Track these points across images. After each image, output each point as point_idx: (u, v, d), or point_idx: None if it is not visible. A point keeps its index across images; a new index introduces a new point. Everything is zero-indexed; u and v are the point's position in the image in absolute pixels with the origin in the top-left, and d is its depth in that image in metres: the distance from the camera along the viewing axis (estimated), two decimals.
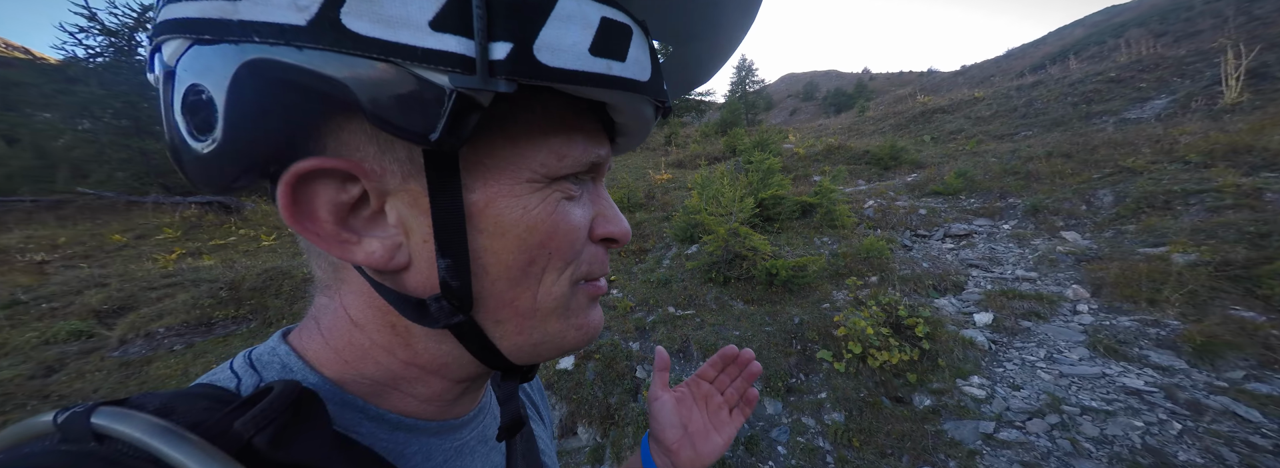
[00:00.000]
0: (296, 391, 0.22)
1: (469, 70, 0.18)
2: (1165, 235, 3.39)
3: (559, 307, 0.27)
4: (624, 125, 0.28)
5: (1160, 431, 1.93)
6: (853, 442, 2.18)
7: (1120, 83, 8.29)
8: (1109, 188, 4.42)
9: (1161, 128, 5.55)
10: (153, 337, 3.59)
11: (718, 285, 3.57)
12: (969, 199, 5.33)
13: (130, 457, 0.18)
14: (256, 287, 4.18)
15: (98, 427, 0.19)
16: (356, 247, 0.23)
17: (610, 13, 0.21)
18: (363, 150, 0.22)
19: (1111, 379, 2.30)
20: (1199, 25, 12.49)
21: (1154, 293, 2.83)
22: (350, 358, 0.27)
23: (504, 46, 0.19)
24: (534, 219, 0.24)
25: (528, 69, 0.19)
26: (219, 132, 0.20)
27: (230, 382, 0.25)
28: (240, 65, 0.19)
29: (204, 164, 0.22)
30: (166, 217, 8.28)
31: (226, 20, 0.19)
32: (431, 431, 0.29)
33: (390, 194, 0.23)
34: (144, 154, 9.44)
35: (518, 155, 0.23)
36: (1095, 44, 15.34)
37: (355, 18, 0.18)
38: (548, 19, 0.19)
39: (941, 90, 17.15)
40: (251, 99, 0.20)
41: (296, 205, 0.22)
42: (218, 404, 0.22)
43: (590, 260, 0.28)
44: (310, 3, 0.18)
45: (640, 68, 0.23)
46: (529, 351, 0.27)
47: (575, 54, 0.20)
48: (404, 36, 0.18)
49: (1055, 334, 2.78)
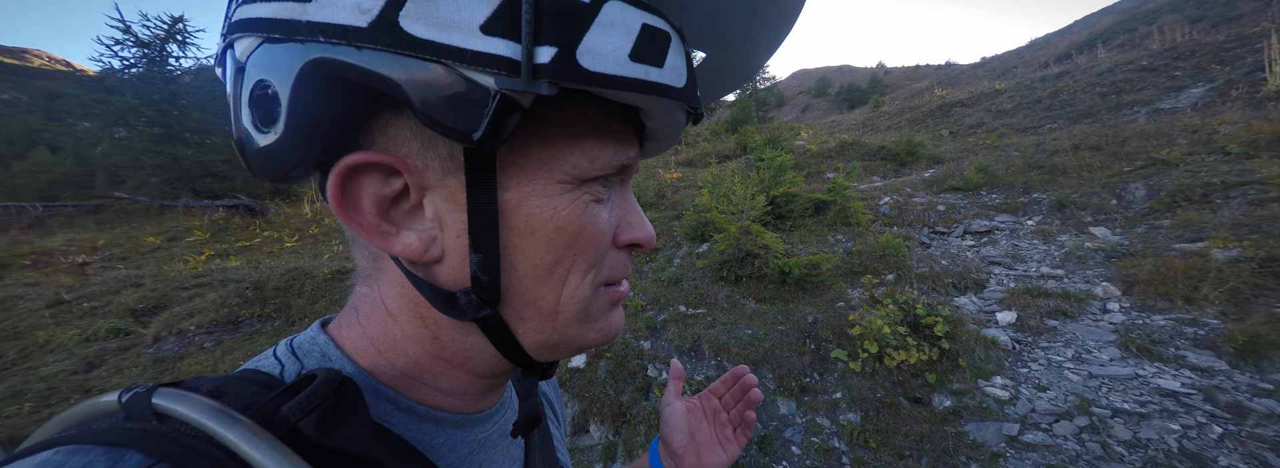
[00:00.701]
0: (338, 379, 0.23)
1: (514, 73, 0.19)
2: (1203, 230, 3.22)
3: (580, 311, 0.27)
4: (654, 130, 0.28)
5: (1199, 434, 1.84)
6: (869, 443, 2.14)
7: (1153, 71, 7.91)
8: (1141, 181, 4.22)
9: (1198, 117, 5.28)
10: (185, 334, 3.75)
11: (729, 284, 3.54)
12: (990, 195, 5.17)
13: (187, 435, 0.20)
14: (280, 286, 4.32)
15: (158, 406, 0.21)
16: (395, 238, 0.24)
17: (651, 19, 0.22)
18: (407, 146, 0.23)
19: (1145, 381, 2.20)
20: (1239, 9, 11.83)
21: (1191, 291, 2.69)
22: (383, 348, 0.28)
23: (548, 51, 0.19)
24: (563, 220, 0.25)
25: (570, 73, 0.20)
26: (281, 124, 0.22)
27: (274, 368, 0.27)
28: (305, 63, 0.20)
29: (266, 154, 0.23)
30: (196, 220, 8.63)
31: (295, 21, 0.20)
32: (456, 423, 0.30)
33: (429, 189, 0.24)
34: (175, 160, 9.86)
35: (551, 156, 0.24)
36: (1125, 32, 14.68)
37: (412, 21, 0.19)
38: (592, 25, 0.20)
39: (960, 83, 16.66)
40: (312, 95, 0.21)
41: (344, 196, 0.23)
42: (264, 389, 0.23)
43: (613, 265, 0.29)
44: (372, 6, 0.19)
45: (676, 74, 0.24)
46: (549, 349, 0.28)
47: (615, 59, 0.21)
48: (456, 39, 0.19)
49: (1084, 334, 2.67)
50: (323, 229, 7.79)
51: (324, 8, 0.19)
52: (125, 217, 9.73)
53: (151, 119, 9.71)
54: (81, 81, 11.07)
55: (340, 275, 4.58)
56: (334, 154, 0.23)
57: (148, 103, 9.54)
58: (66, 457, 0.18)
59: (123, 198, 9.65)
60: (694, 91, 0.26)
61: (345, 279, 4.52)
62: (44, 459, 0.18)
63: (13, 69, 42.95)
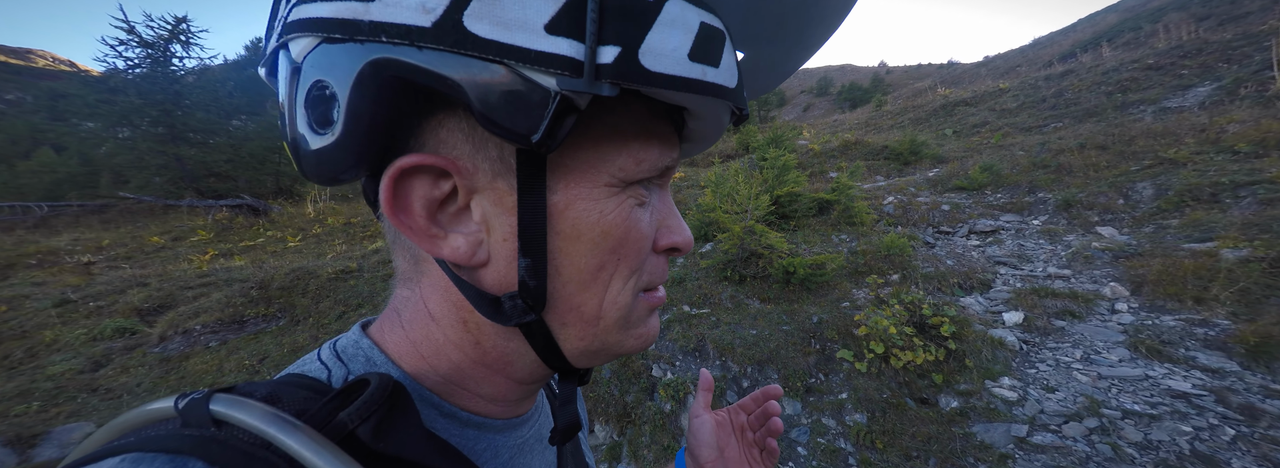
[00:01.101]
0: (391, 385, 0.23)
1: (576, 73, 0.19)
2: (1213, 230, 3.19)
3: (621, 317, 0.27)
4: (696, 130, 0.28)
5: (1211, 436, 1.82)
6: (876, 443, 2.12)
7: (1159, 70, 7.86)
8: (1149, 180, 4.20)
9: (1206, 116, 5.24)
10: (190, 334, 3.76)
11: (733, 284, 3.53)
12: (995, 194, 5.14)
13: (247, 442, 0.20)
14: (285, 286, 4.33)
15: (216, 413, 0.21)
16: (443, 241, 0.24)
17: (709, 18, 0.22)
18: (458, 148, 0.23)
19: (1155, 382, 2.18)
20: (1246, 7, 11.74)
21: (1201, 291, 2.67)
22: (427, 352, 0.27)
23: (612, 50, 0.19)
24: (609, 224, 0.25)
25: (631, 73, 0.19)
26: (339, 126, 0.21)
27: (320, 373, 0.26)
28: (365, 63, 0.20)
29: (321, 156, 0.23)
30: (200, 219, 8.66)
31: (357, 20, 0.20)
32: (496, 428, 0.30)
33: (477, 192, 0.24)
34: (179, 160, 9.90)
35: (599, 158, 0.24)
36: (1130, 30, 14.59)
37: (476, 20, 0.19)
38: (655, 24, 0.20)
39: (963, 82, 16.60)
40: (371, 96, 0.20)
41: (396, 199, 0.23)
42: (315, 394, 0.23)
43: (652, 270, 0.28)
44: (437, 6, 0.19)
45: (730, 74, 0.23)
46: (589, 355, 0.28)
47: (676, 59, 0.20)
48: (520, 39, 0.19)
49: (1092, 334, 2.65)
50: (325, 229, 7.80)
51: (387, 7, 0.19)
52: (129, 216, 9.77)
53: (155, 119, 9.75)
54: (86, 82, 11.12)
55: (344, 275, 4.59)
56: (387, 155, 0.23)
57: (151, 103, 9.58)
58: (131, 466, 0.18)
59: (127, 198, 9.69)
60: (742, 92, 0.25)
61: (349, 279, 4.53)
62: (111, 466, 0.18)
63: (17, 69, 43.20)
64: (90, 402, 2.97)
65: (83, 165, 12.45)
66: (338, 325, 3.84)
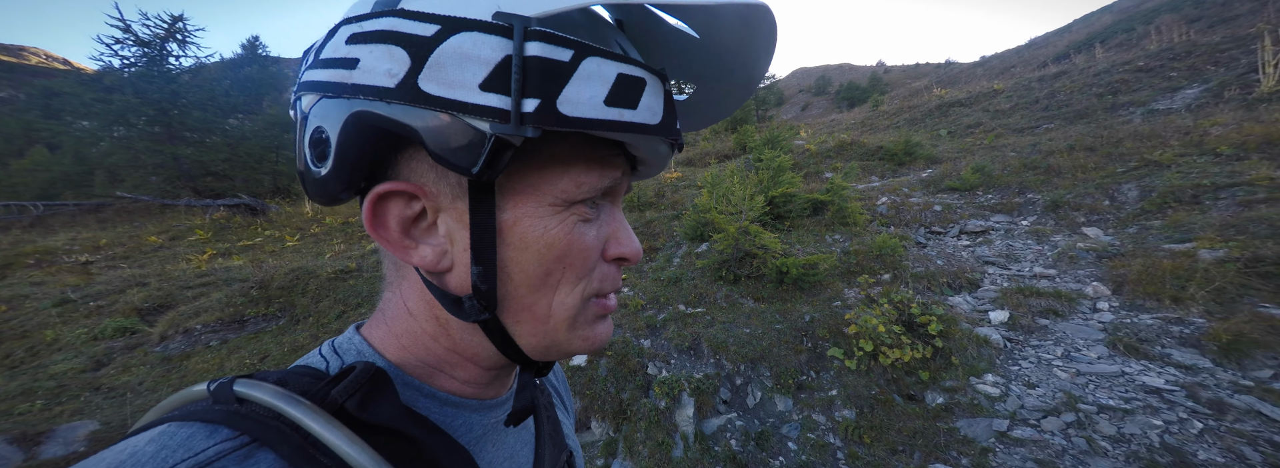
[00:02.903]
0: (373, 369, 0.28)
1: (505, 120, 0.24)
2: (1192, 231, 3.28)
3: (569, 318, 0.31)
4: (641, 158, 0.33)
5: (1180, 429, 1.90)
6: (863, 438, 2.20)
7: (1149, 72, 7.97)
8: (1134, 182, 4.29)
9: (1192, 119, 5.34)
10: (191, 333, 3.80)
11: (728, 283, 3.60)
12: (986, 195, 5.23)
13: (262, 414, 0.26)
14: (284, 286, 4.36)
15: (239, 392, 0.26)
16: (414, 251, 0.29)
17: (628, 69, 0.26)
18: (424, 176, 0.28)
19: (1131, 378, 2.26)
20: (1236, 9, 11.89)
21: (1178, 290, 2.76)
22: (407, 343, 0.33)
23: (533, 102, 0.24)
24: (553, 237, 0.29)
25: (550, 118, 0.24)
26: (330, 161, 0.28)
27: (321, 364, 0.32)
28: (349, 114, 0.26)
29: (320, 183, 0.29)
30: (198, 219, 8.65)
31: (343, 83, 0.26)
32: (472, 407, 0.35)
33: (442, 211, 0.29)
34: (175, 159, 9.87)
35: (543, 182, 0.28)
36: (1124, 31, 14.72)
37: (427, 81, 0.24)
38: (571, 80, 0.24)
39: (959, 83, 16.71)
40: (353, 138, 0.26)
41: (375, 217, 0.29)
42: (316, 380, 0.29)
43: (602, 277, 0.32)
44: (399, 72, 0.24)
45: (650, 113, 0.28)
46: (542, 351, 0.32)
47: (592, 105, 0.25)
48: (460, 95, 0.24)
49: (1073, 332, 2.74)
50: (324, 229, 7.82)
51: (365, 73, 0.25)
52: (126, 216, 9.74)
53: (151, 118, 9.72)
54: (80, 80, 11.05)
55: (343, 275, 4.63)
56: (370, 182, 0.29)
57: (147, 102, 9.55)
58: (177, 429, 0.24)
59: (124, 197, 9.66)
60: (672, 126, 0.29)
61: (348, 279, 4.57)
62: (161, 431, 0.24)
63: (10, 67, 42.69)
64: (93, 400, 3.01)
65: (78, 164, 12.39)
66: (337, 324, 3.88)
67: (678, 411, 2.47)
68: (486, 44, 0.24)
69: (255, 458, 0.24)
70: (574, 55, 0.24)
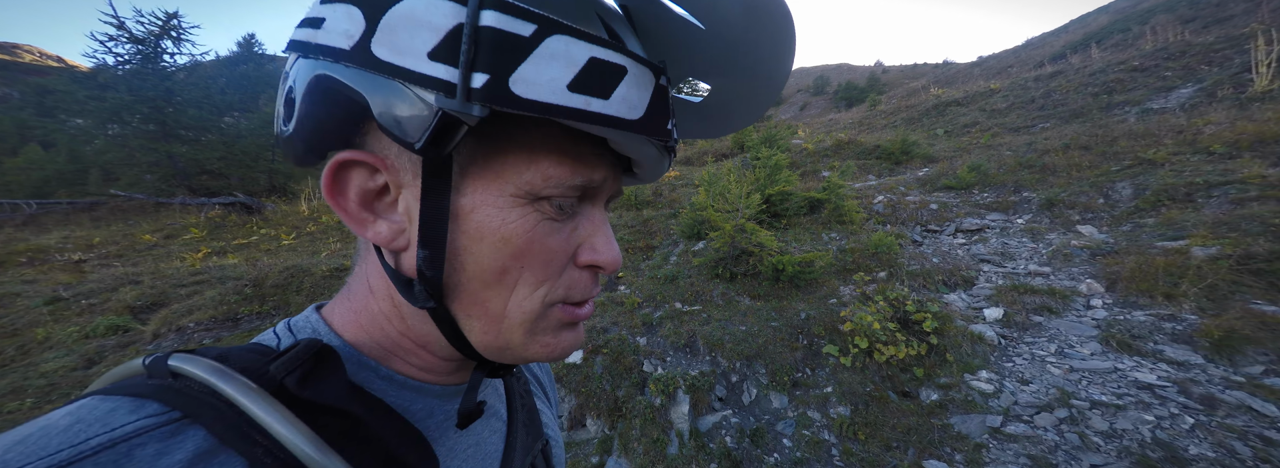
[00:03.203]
0: (317, 346, 0.27)
1: (451, 94, 0.22)
2: (1185, 228, 3.30)
3: (527, 321, 0.29)
4: (635, 160, 0.31)
5: (1172, 424, 1.91)
6: (858, 435, 2.20)
7: (1144, 71, 8.01)
8: (1128, 180, 4.31)
9: (1185, 118, 5.37)
10: (184, 331, 3.77)
11: (724, 281, 3.60)
12: (982, 193, 5.24)
13: (196, 390, 0.24)
14: (279, 284, 4.34)
15: (174, 367, 0.25)
16: (370, 225, 0.28)
17: (602, 53, 0.24)
18: (388, 149, 0.27)
19: (1123, 374, 2.27)
20: (1230, 10, 11.96)
21: (1171, 287, 2.77)
22: (365, 322, 0.31)
23: (482, 77, 0.22)
24: (510, 231, 0.27)
25: (500, 98, 0.22)
26: (294, 120, 0.27)
27: (272, 341, 0.31)
28: (312, 75, 0.26)
29: (286, 143, 0.29)
30: (192, 217, 8.61)
31: (309, 42, 0.25)
32: (433, 393, 0.33)
33: (404, 187, 0.27)
34: (170, 157, 9.81)
35: (506, 169, 0.26)
36: (1120, 31, 14.80)
37: (379, 45, 0.23)
38: (529, 57, 0.22)
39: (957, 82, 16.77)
40: (314, 99, 0.26)
41: (334, 184, 0.27)
42: (260, 356, 0.27)
43: (570, 284, 0.30)
44: (355, 33, 0.24)
45: (628, 107, 0.25)
46: (495, 351, 0.30)
47: (551, 89, 0.23)
48: (409, 63, 0.23)
49: (1067, 329, 2.75)
50: (320, 227, 7.79)
51: (326, 33, 0.24)
52: (120, 214, 9.68)
53: (146, 116, 9.65)
54: (74, 78, 10.97)
55: (338, 273, 4.61)
56: (336, 149, 0.27)
57: (142, 99, 9.48)
58: (97, 403, 0.23)
59: (118, 195, 9.59)
60: (660, 125, 0.27)
61: (343, 277, 4.55)
62: (79, 404, 0.23)
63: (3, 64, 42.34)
64: None
65: (71, 162, 12.28)
66: None
67: (673, 408, 2.47)
68: (439, 9, 0.22)
69: (184, 435, 0.22)
70: (537, 31, 0.22)
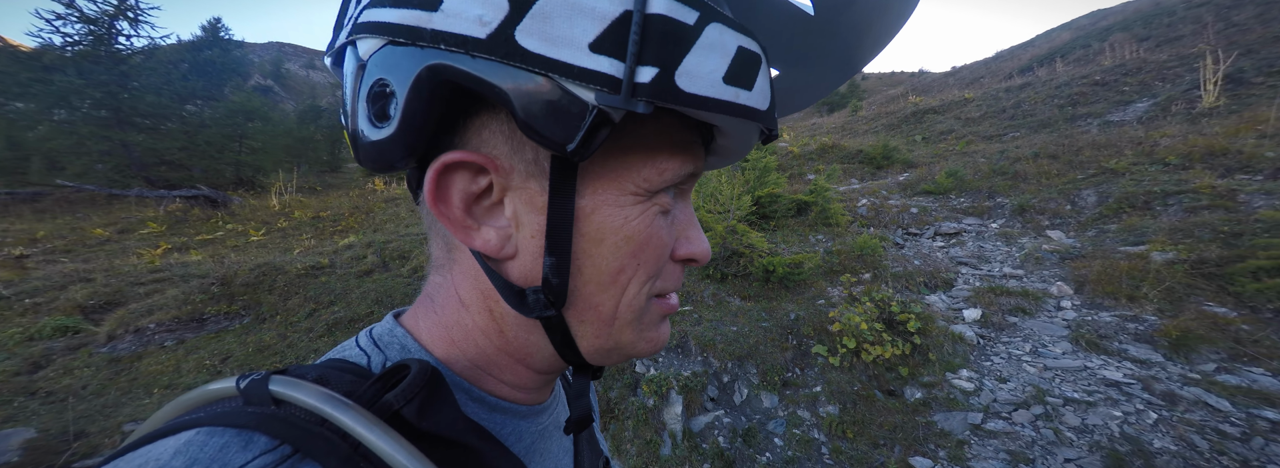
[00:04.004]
0: (430, 371, 0.24)
1: (614, 90, 0.20)
2: (1145, 234, 3.52)
3: (635, 318, 0.28)
4: (724, 146, 0.30)
5: (1137, 420, 2.03)
6: (847, 433, 2.25)
7: (1104, 86, 8.50)
8: (1093, 188, 4.56)
9: (1143, 130, 5.73)
10: (143, 333, 3.53)
11: (715, 282, 3.62)
12: (959, 198, 5.46)
13: (303, 419, 0.22)
14: (249, 282, 4.12)
15: (275, 392, 0.22)
16: (476, 233, 0.26)
17: (746, 42, 0.23)
18: (498, 148, 0.25)
19: (1092, 372, 2.40)
20: (1180, 30, 12.84)
21: (1133, 290, 2.95)
22: (457, 337, 0.29)
23: (650, 71, 0.20)
24: (632, 229, 0.26)
25: (666, 93, 0.21)
26: (396, 121, 0.23)
27: (360, 359, 0.28)
28: (423, 67, 0.22)
29: (377, 147, 0.25)
30: (150, 211, 8.08)
31: (421, 27, 0.21)
32: (520, 414, 0.32)
33: (511, 190, 0.26)
34: (125, 146, 9.18)
35: (627, 168, 0.25)
36: (1081, 47, 15.69)
37: (527, 35, 0.20)
38: (693, 47, 0.21)
39: (933, 91, 17.42)
40: (426, 96, 0.22)
41: (439, 190, 0.25)
42: (360, 378, 0.25)
43: (667, 276, 0.30)
44: (493, 19, 0.20)
45: (763, 97, 0.24)
46: (603, 353, 0.29)
47: (711, 81, 0.22)
48: (565, 55, 0.20)
49: (1040, 329, 2.88)
50: (292, 223, 7.44)
51: (448, 18, 0.21)
52: (68, 206, 8.99)
53: (98, 101, 9.00)
54: (15, 58, 10.12)
55: (314, 271, 4.41)
56: (433, 150, 0.25)
57: (93, 83, 8.83)
58: (206, 437, 0.20)
59: (66, 186, 8.91)
60: (773, 114, 0.26)
61: (319, 275, 4.35)
62: (188, 440, 0.20)
63: None
64: (29, 406, 2.75)
65: (10, 149, 11.33)
66: (307, 324, 3.69)
67: (666, 409, 2.46)
68: None
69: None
70: (699, 18, 0.21)
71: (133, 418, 2.57)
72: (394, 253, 4.75)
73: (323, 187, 11.42)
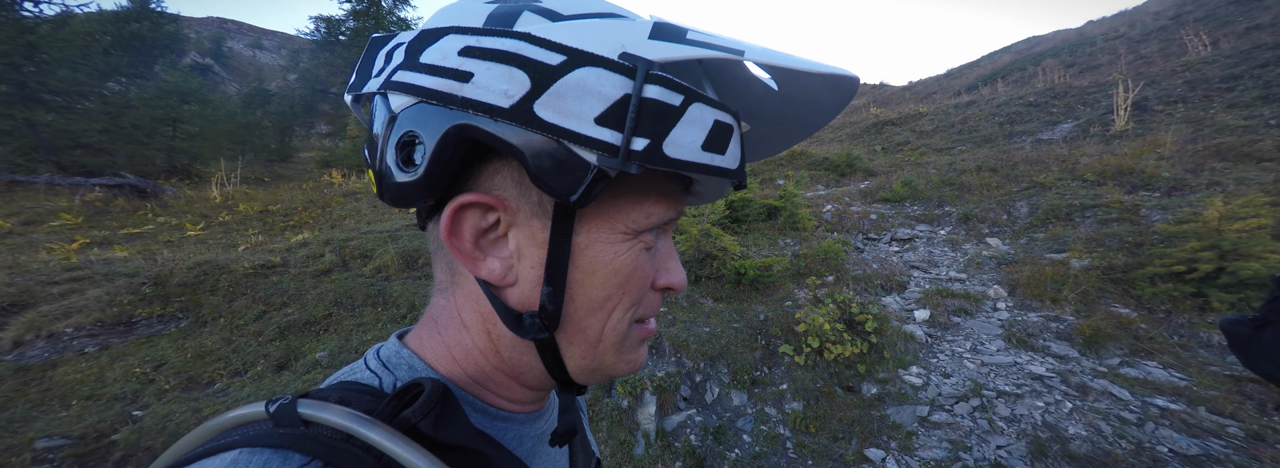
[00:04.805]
0: (441, 387, 0.28)
1: (613, 155, 0.25)
2: (1066, 243, 3.95)
3: (618, 341, 0.32)
4: (701, 193, 0.36)
5: (1056, 409, 2.29)
6: (810, 428, 2.39)
7: (1037, 107, 9.41)
8: (1025, 200, 5.06)
9: (1067, 149, 6.40)
10: (57, 338, 3.16)
11: (690, 284, 3.71)
12: (912, 206, 5.87)
13: (331, 437, 0.25)
14: (187, 282, 3.78)
15: (304, 414, 0.25)
16: (482, 263, 0.30)
17: (721, 116, 0.28)
18: (507, 191, 0.29)
19: (1021, 367, 2.68)
20: (1099, 59, 14.41)
21: (1056, 293, 3.31)
22: (459, 356, 0.33)
23: (642, 141, 0.25)
24: (620, 263, 0.30)
25: (655, 158, 0.25)
26: (422, 168, 0.27)
27: (372, 380, 0.31)
28: (452, 125, 0.26)
29: (403, 188, 0.28)
30: (63, 200, 7.19)
31: (453, 94, 0.25)
32: (521, 421, 0.35)
33: (515, 226, 0.29)
34: (31, 126, 8.09)
35: (618, 211, 0.30)
36: (1018, 70, 17.24)
37: (543, 108, 0.25)
38: (678, 122, 0.26)
39: (892, 103, 18.57)
40: (451, 148, 0.26)
41: (453, 225, 0.29)
42: (376, 398, 0.28)
43: (648, 304, 0.34)
44: (516, 94, 0.25)
45: (733, 159, 0.29)
46: (588, 373, 0.33)
47: (691, 149, 0.26)
48: (574, 125, 0.25)
49: (979, 328, 3.18)
50: (236, 217, 6.86)
51: (478, 89, 0.25)
52: None
53: None
54: None
55: (264, 270, 4.10)
56: (450, 191, 0.29)
57: None
58: (249, 457, 0.23)
59: None
60: (743, 170, 0.31)
61: (270, 275, 4.06)
62: (233, 458, 0.23)
63: None
64: None
65: None
66: (256, 327, 3.44)
67: (640, 409, 2.51)
68: (609, 81, 0.25)
69: None
70: (684, 101, 0.26)
71: (46, 434, 2.30)
72: (355, 251, 4.50)
73: (272, 178, 10.58)
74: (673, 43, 0.26)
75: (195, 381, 2.90)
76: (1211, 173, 4.51)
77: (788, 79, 0.34)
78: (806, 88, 0.34)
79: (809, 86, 0.34)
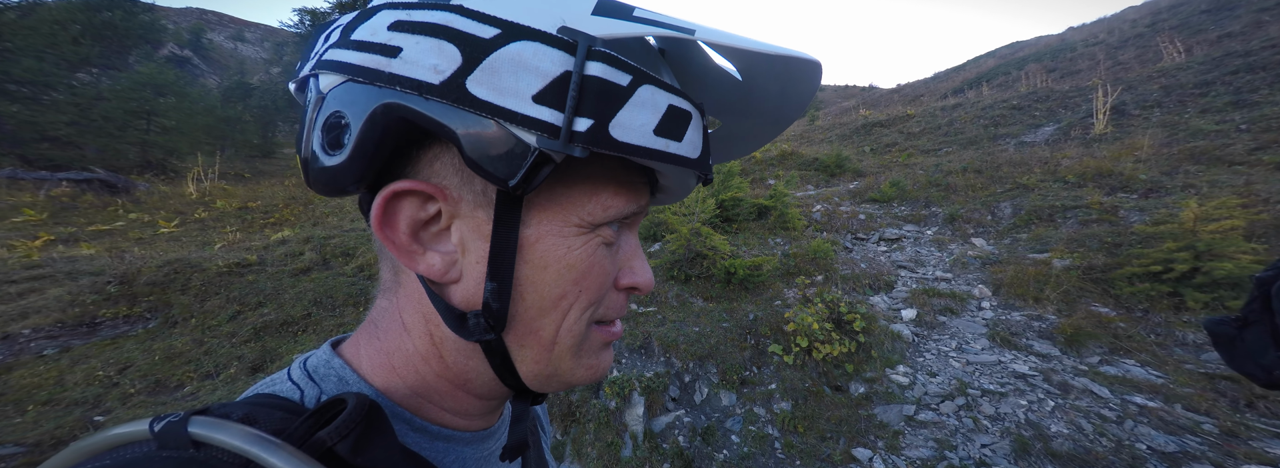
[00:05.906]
0: (366, 404, 0.24)
1: (553, 136, 0.23)
2: (1048, 243, 4.02)
3: (575, 345, 0.30)
4: (666, 187, 0.33)
5: (1038, 407, 2.32)
6: (798, 428, 2.38)
7: (1020, 110, 9.61)
8: (1009, 201, 5.15)
9: (1049, 151, 6.53)
10: (14, 340, 3.00)
11: (679, 283, 3.68)
12: (900, 207, 5.94)
13: (227, 462, 0.21)
14: (157, 281, 3.62)
15: (195, 435, 0.21)
16: (421, 257, 0.27)
17: (677, 101, 0.26)
18: (448, 179, 0.26)
19: (1005, 365, 2.71)
20: (1079, 65, 14.81)
21: (1038, 292, 3.37)
22: (397, 363, 0.30)
23: (586, 121, 0.23)
24: (574, 258, 0.28)
25: (600, 141, 0.23)
26: (348, 150, 0.25)
27: (293, 393, 0.28)
28: (379, 104, 0.24)
29: (329, 173, 0.26)
30: (27, 195, 6.87)
31: (379, 70, 0.23)
32: (465, 441, 0.32)
33: (458, 217, 0.27)
34: None
35: (572, 202, 0.27)
36: (1002, 74, 17.62)
37: (477, 84, 0.23)
38: (626, 104, 0.24)
39: (881, 106, 18.82)
40: (379, 129, 0.24)
41: (385, 216, 0.26)
42: (291, 415, 0.25)
43: (610, 304, 0.31)
44: (446, 69, 0.23)
45: (692, 147, 0.28)
46: (542, 379, 0.30)
47: (641, 133, 0.25)
48: (510, 103, 0.23)
49: (964, 328, 3.21)
50: (213, 214, 6.64)
51: (406, 64, 0.23)
52: None
53: None
54: None
55: (239, 269, 3.96)
56: (383, 178, 0.26)
57: None
58: None
59: None
60: (706, 161, 0.30)
61: (246, 274, 3.92)
62: None
63: None
64: None
65: None
66: (230, 327, 3.31)
67: (628, 410, 2.47)
68: (547, 56, 0.23)
69: None
70: (632, 81, 0.24)
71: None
72: (336, 249, 4.38)
73: (253, 173, 10.28)
74: (618, 19, 0.24)
75: (163, 384, 2.77)
76: (1186, 175, 4.65)
77: (750, 67, 0.32)
78: (769, 76, 0.32)
79: (772, 75, 0.32)
